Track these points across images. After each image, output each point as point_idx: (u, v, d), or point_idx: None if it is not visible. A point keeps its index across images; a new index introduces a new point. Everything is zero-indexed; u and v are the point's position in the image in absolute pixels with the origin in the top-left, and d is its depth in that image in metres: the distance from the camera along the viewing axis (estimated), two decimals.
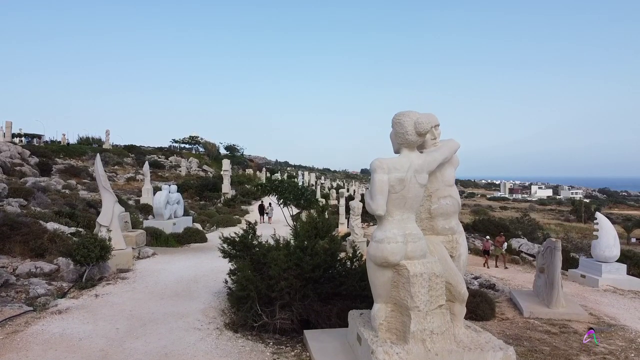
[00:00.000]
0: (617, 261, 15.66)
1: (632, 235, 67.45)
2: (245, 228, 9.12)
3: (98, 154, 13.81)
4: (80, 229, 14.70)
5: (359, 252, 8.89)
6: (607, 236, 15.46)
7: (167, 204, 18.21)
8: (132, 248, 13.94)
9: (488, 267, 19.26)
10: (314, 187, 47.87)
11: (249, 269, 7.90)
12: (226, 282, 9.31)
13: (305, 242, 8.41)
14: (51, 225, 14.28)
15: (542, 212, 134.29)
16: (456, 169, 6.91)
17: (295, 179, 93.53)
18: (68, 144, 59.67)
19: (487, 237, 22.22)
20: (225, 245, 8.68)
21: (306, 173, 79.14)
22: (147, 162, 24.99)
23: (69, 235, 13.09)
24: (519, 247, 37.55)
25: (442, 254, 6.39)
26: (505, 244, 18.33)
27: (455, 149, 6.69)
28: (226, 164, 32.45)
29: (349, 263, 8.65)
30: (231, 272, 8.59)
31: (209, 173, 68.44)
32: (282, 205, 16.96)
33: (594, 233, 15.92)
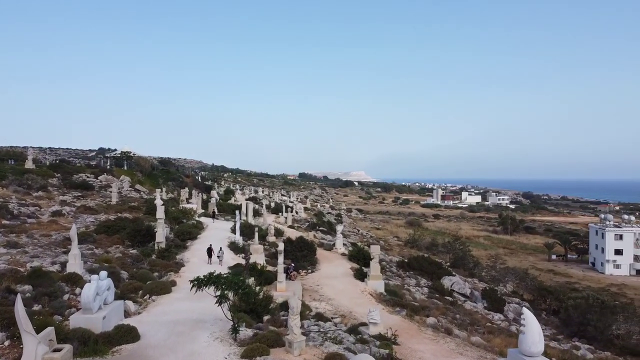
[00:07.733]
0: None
1: (552, 252, 72.88)
2: None
3: (19, 295, 12.73)
4: None
5: None
6: (533, 333, 16.42)
7: (96, 295, 17.27)
8: None
9: None
10: (253, 225, 47.25)
11: None
12: None
13: None
14: None
15: (472, 220, 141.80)
16: None
17: (233, 196, 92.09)
18: None
19: None
20: None
21: (246, 191, 78.63)
22: (74, 226, 23.47)
23: None
24: (450, 286, 39.23)
25: None
26: None
27: None
28: (160, 210, 31.05)
29: None
30: None
31: (142, 193, 66.00)
32: (217, 304, 16.58)
33: (521, 328, 16.91)
